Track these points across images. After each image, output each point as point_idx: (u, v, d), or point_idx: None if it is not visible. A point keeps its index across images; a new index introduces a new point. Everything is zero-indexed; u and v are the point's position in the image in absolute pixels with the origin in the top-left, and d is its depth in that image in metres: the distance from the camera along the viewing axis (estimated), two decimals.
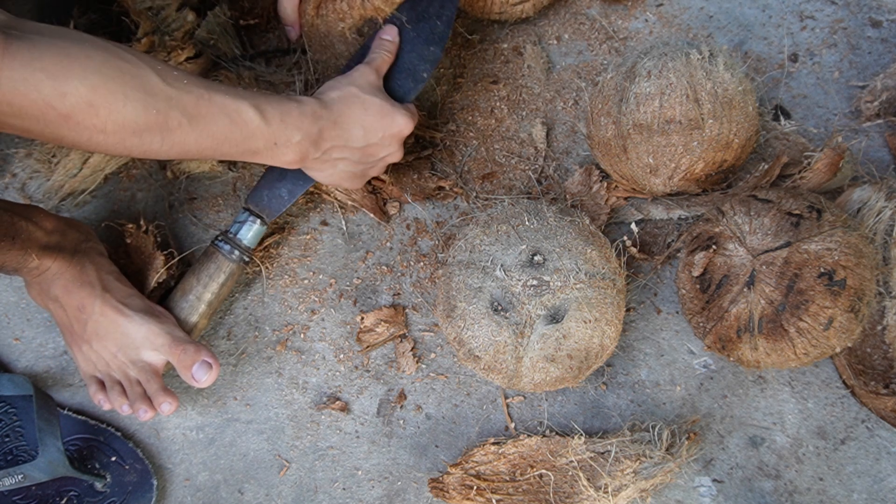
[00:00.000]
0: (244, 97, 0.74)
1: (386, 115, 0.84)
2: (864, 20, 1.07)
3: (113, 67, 0.64)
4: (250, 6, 1.12)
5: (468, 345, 0.81)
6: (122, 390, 0.87)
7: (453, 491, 0.83)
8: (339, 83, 0.85)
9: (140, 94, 0.65)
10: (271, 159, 0.79)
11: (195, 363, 0.84)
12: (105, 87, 0.63)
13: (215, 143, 0.73)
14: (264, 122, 0.75)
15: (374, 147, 0.85)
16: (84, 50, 0.63)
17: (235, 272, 0.92)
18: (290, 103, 0.78)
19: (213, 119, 0.71)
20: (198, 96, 0.70)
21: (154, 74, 0.67)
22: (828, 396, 0.87)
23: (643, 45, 0.93)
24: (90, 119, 0.64)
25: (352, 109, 0.83)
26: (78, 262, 0.86)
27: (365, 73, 0.87)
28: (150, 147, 0.69)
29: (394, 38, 0.91)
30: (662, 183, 0.90)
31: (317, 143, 0.81)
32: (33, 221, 0.82)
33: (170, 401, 0.85)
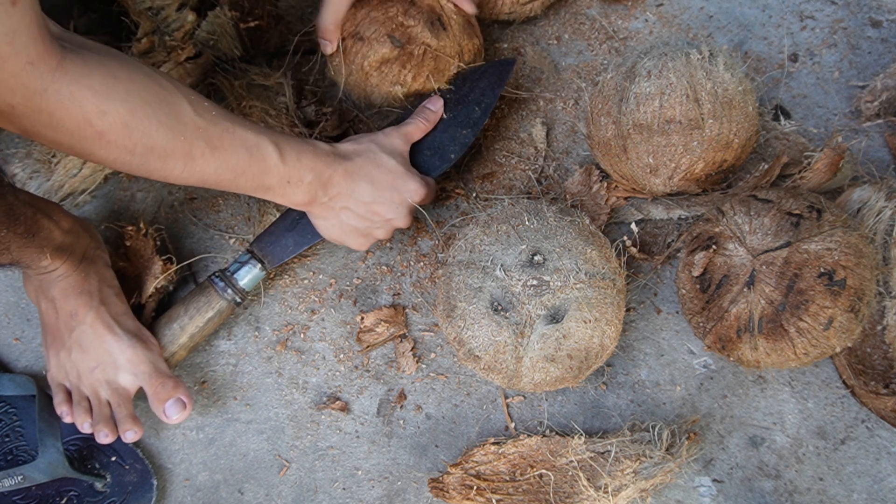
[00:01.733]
0: (265, 134, 0.77)
1: (398, 178, 0.86)
2: (864, 20, 1.07)
3: (152, 93, 0.67)
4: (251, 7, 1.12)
5: (468, 345, 0.81)
6: (89, 407, 0.86)
7: (453, 491, 0.83)
8: (362, 138, 0.88)
9: (172, 122, 0.68)
10: (282, 197, 0.81)
11: (170, 399, 0.85)
12: (142, 111, 0.66)
13: (233, 175, 0.75)
14: (281, 159, 0.77)
15: (379, 206, 0.85)
16: (129, 72, 0.66)
17: (225, 311, 0.91)
18: (307, 146, 0.81)
19: (234, 152, 0.74)
20: (223, 129, 0.73)
21: (187, 104, 0.70)
22: (828, 396, 0.87)
23: (643, 45, 0.93)
24: (123, 139, 0.66)
25: (365, 164, 0.85)
26: (83, 269, 0.86)
27: (391, 135, 0.89)
28: (172, 172, 0.71)
29: (438, 110, 0.93)
30: (662, 183, 0.90)
31: (325, 188, 0.82)
32: (53, 219, 0.82)
33: (136, 430, 0.85)
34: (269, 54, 1.11)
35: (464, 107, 0.95)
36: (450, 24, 0.96)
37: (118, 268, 0.94)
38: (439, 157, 0.93)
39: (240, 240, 1.01)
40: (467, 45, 0.97)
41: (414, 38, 0.94)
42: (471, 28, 0.99)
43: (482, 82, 0.96)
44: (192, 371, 0.95)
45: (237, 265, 0.91)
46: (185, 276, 0.99)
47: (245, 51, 1.08)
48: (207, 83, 1.06)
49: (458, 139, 0.94)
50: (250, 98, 1.00)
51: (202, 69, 1.03)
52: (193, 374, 0.94)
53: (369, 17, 0.93)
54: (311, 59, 1.11)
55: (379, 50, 0.93)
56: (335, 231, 0.88)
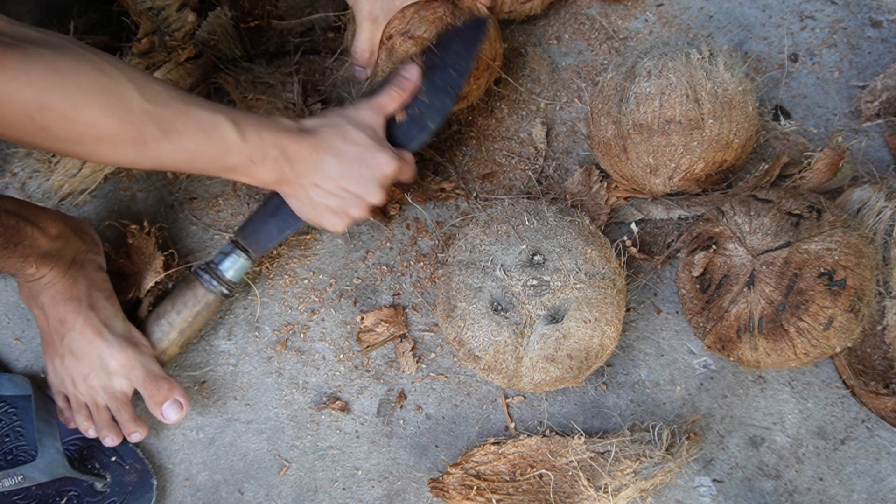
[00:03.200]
0: (222, 112, 0.74)
1: (366, 151, 0.82)
2: (864, 20, 1.07)
3: (95, 82, 0.65)
4: (251, 7, 1.12)
5: (468, 345, 0.81)
6: (89, 414, 0.87)
7: (453, 491, 0.83)
8: (330, 112, 0.84)
9: (117, 110, 0.67)
10: (248, 177, 0.78)
11: (167, 401, 0.85)
12: (84, 102, 0.65)
13: (191, 157, 0.73)
14: (241, 138, 0.74)
15: (348, 181, 0.81)
16: (70, 63, 0.64)
17: (213, 304, 0.90)
18: (269, 121, 0.78)
19: (189, 134, 0.72)
20: (175, 111, 0.70)
21: (133, 90, 0.68)
22: (828, 396, 0.87)
23: (643, 45, 0.93)
24: (66, 132, 0.65)
25: (331, 138, 0.81)
26: (72, 275, 0.85)
27: (361, 107, 0.85)
28: (125, 158, 0.70)
29: (413, 77, 0.88)
30: (662, 183, 0.90)
31: (292, 164, 0.79)
32: (39, 227, 0.81)
33: (140, 431, 0.86)
34: (269, 54, 1.11)
35: (440, 71, 0.89)
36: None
37: (119, 265, 0.94)
38: (417, 126, 0.88)
39: None
40: (499, 48, 0.97)
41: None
42: (498, 31, 0.98)
43: (456, 45, 0.91)
44: (192, 371, 0.95)
45: (221, 256, 0.90)
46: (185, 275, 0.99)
47: (245, 51, 1.09)
48: (208, 83, 1.06)
49: (436, 106, 0.88)
50: (256, 92, 0.99)
51: (202, 69, 1.03)
52: (193, 375, 0.94)
53: (419, 15, 0.92)
54: (312, 59, 1.11)
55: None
56: (308, 210, 0.84)
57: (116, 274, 0.93)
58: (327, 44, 1.13)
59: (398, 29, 0.92)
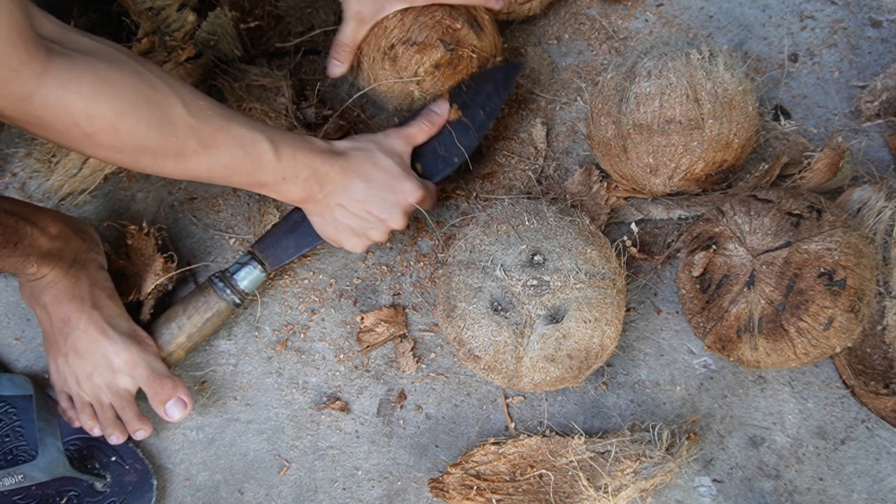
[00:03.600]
0: (261, 131, 0.76)
1: (393, 178, 0.85)
2: (864, 20, 1.07)
3: (142, 95, 0.67)
4: (251, 7, 1.12)
5: (468, 345, 0.81)
6: (93, 413, 0.87)
7: (453, 491, 0.83)
8: (362, 137, 0.88)
9: (162, 123, 0.68)
10: (277, 193, 0.81)
11: (171, 399, 0.86)
12: (131, 114, 0.66)
13: (227, 171, 0.75)
14: (276, 156, 0.77)
15: (374, 206, 0.84)
16: (119, 74, 0.66)
17: (224, 312, 0.91)
18: (304, 142, 0.80)
19: (228, 149, 0.74)
20: (217, 127, 0.73)
21: (179, 104, 0.69)
22: (828, 396, 0.87)
23: (643, 45, 0.93)
24: (111, 140, 0.67)
25: (361, 162, 0.84)
26: (74, 274, 0.85)
27: (391, 136, 0.88)
28: (164, 169, 0.72)
29: (443, 113, 0.92)
30: (662, 183, 0.90)
31: (321, 184, 0.82)
32: (39, 227, 0.81)
33: (145, 429, 0.87)
34: (270, 54, 1.11)
35: (469, 110, 0.94)
36: (484, 24, 0.96)
37: (118, 266, 0.94)
38: (443, 160, 0.93)
39: (239, 240, 1.01)
40: (498, 43, 0.98)
41: (462, 41, 0.93)
42: (495, 27, 0.99)
43: (488, 86, 0.95)
44: (192, 371, 0.95)
45: (237, 266, 0.91)
46: (185, 276, 0.99)
47: (245, 51, 1.08)
48: (208, 84, 1.06)
49: (463, 143, 0.93)
50: (250, 100, 1.00)
51: (202, 69, 1.03)
52: (193, 374, 0.94)
53: (418, 22, 0.92)
54: (313, 60, 1.11)
55: (434, 55, 0.92)
56: (330, 229, 0.87)
57: (116, 274, 0.93)
58: (327, 44, 1.12)
59: (399, 37, 0.92)
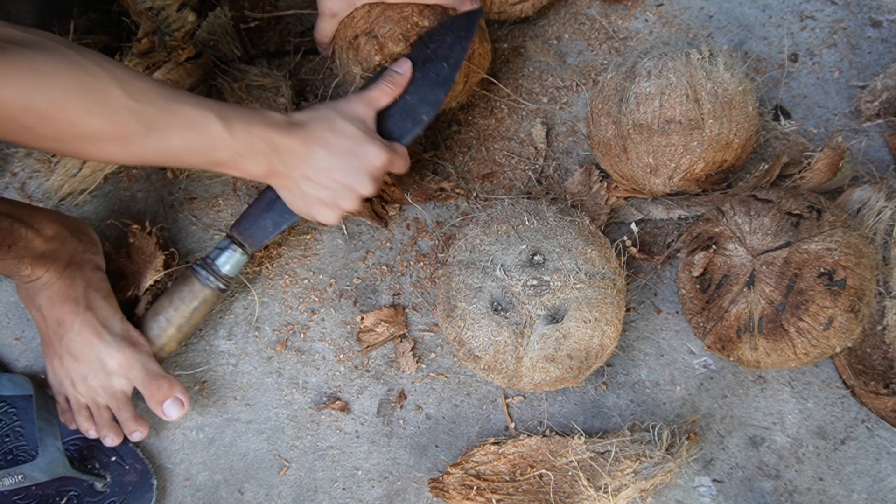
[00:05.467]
0: (208, 107, 0.74)
1: (356, 143, 0.82)
2: (864, 20, 1.07)
3: (77, 82, 0.66)
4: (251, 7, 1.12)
5: (468, 345, 0.81)
6: (89, 414, 0.87)
7: (453, 491, 0.83)
8: (321, 106, 0.85)
9: (100, 108, 0.67)
10: (237, 170, 0.79)
11: (167, 399, 0.86)
12: (66, 101, 0.65)
13: (178, 152, 0.73)
14: (228, 132, 0.74)
15: (338, 172, 0.81)
16: (53, 63, 0.64)
17: (210, 299, 0.90)
18: (258, 115, 0.78)
19: (174, 129, 0.72)
20: (159, 108, 0.70)
21: (117, 88, 0.68)
22: (828, 396, 0.87)
23: (643, 45, 0.93)
24: (48, 131, 0.65)
25: (321, 130, 0.81)
26: (68, 276, 0.85)
27: (352, 101, 0.85)
28: (108, 155, 0.71)
29: (405, 72, 0.89)
30: (662, 183, 0.90)
31: (282, 157, 0.79)
32: (34, 228, 0.81)
33: (141, 430, 0.87)
34: (269, 54, 1.11)
35: (432, 64, 0.90)
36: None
37: (119, 265, 0.94)
38: (411, 119, 0.89)
39: None
40: (478, 48, 0.96)
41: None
42: (481, 31, 0.97)
43: (448, 37, 0.91)
44: (193, 371, 0.95)
45: (217, 251, 0.90)
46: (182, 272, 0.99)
47: (245, 51, 1.09)
48: (208, 84, 1.06)
49: (429, 99, 0.89)
50: (250, 100, 1.00)
51: (202, 69, 1.03)
52: (193, 375, 0.94)
53: (384, 15, 0.91)
54: (312, 59, 1.11)
55: (394, 49, 0.91)
56: (300, 203, 0.85)
57: (116, 273, 0.93)
58: None
59: (362, 28, 0.92)
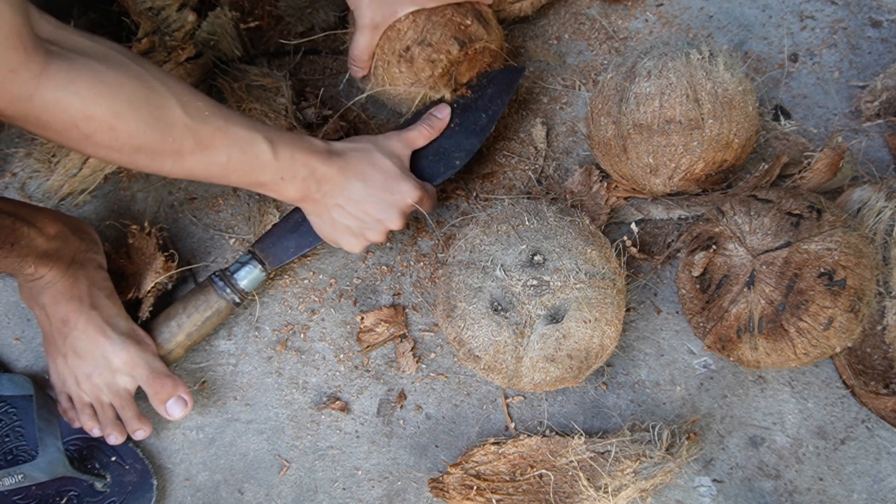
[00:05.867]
0: (259, 131, 0.77)
1: (391, 179, 0.85)
2: (864, 20, 1.07)
3: (140, 97, 0.67)
4: (251, 7, 1.12)
5: (468, 345, 0.81)
6: (93, 413, 0.87)
7: (453, 491, 0.83)
8: (361, 139, 0.88)
9: (159, 123, 0.69)
10: (275, 192, 0.82)
11: (171, 398, 0.86)
12: (129, 115, 0.67)
13: (225, 171, 0.76)
14: (274, 156, 0.77)
15: (371, 205, 0.85)
16: (118, 76, 0.66)
17: (223, 311, 0.91)
18: (302, 142, 0.81)
19: (226, 149, 0.74)
20: (215, 128, 0.73)
21: (177, 104, 0.70)
22: (828, 396, 0.87)
23: (643, 45, 0.93)
24: (109, 140, 0.67)
25: (360, 163, 0.84)
26: (72, 274, 0.85)
27: (391, 138, 0.89)
28: (161, 168, 0.72)
29: (444, 118, 0.93)
30: (662, 183, 0.90)
31: (319, 184, 0.82)
32: (36, 227, 0.81)
33: (144, 428, 0.87)
34: (270, 54, 1.11)
35: (471, 114, 0.94)
36: (489, 18, 0.96)
37: (119, 265, 0.94)
38: (444, 163, 0.93)
39: (239, 240, 1.01)
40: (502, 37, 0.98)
41: (473, 36, 0.93)
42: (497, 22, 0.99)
43: (490, 89, 0.95)
44: (192, 371, 0.95)
45: (238, 265, 0.91)
46: (185, 276, 0.99)
47: (245, 51, 1.09)
48: (208, 84, 1.06)
49: (464, 146, 0.93)
50: (250, 100, 1.00)
51: (202, 69, 1.03)
52: (193, 374, 0.94)
53: (431, 21, 0.92)
54: (313, 59, 1.11)
55: (450, 53, 0.92)
56: (328, 229, 0.87)
57: (116, 274, 0.93)
58: (328, 44, 1.13)
59: (414, 38, 0.92)
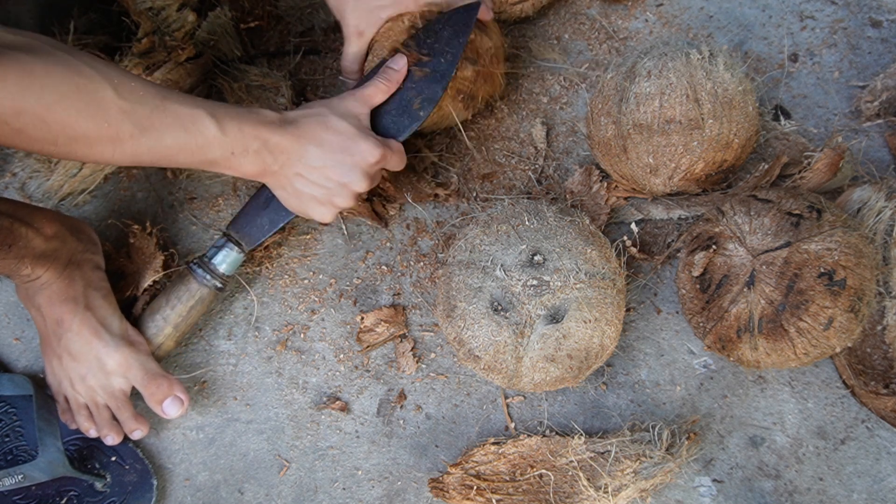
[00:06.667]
0: (201, 106, 0.74)
1: (349, 140, 0.82)
2: (864, 20, 1.07)
3: (70, 84, 0.66)
4: (251, 7, 1.12)
5: (468, 345, 0.81)
6: (89, 414, 0.87)
7: (453, 491, 0.83)
8: (315, 103, 0.85)
9: (92, 110, 0.67)
10: (230, 169, 0.79)
11: (167, 398, 0.86)
12: (59, 105, 0.65)
13: (170, 152, 0.73)
14: (221, 131, 0.75)
15: (331, 170, 0.81)
16: (45, 66, 0.64)
17: (207, 298, 0.91)
18: (250, 114, 0.78)
19: (167, 129, 0.72)
20: (152, 107, 0.71)
21: (109, 88, 0.68)
22: (828, 396, 0.87)
23: (643, 45, 0.93)
24: (42, 134, 0.66)
25: (313, 127, 0.81)
26: (68, 275, 0.85)
27: (345, 98, 0.85)
28: (102, 156, 0.70)
29: (400, 68, 0.88)
30: (662, 183, 0.90)
31: (274, 155, 0.79)
32: (34, 227, 0.81)
33: (141, 428, 0.87)
34: (270, 54, 1.11)
35: (429, 59, 0.89)
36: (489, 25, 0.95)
37: (119, 265, 0.94)
38: (408, 115, 0.88)
39: None
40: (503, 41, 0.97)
41: (479, 49, 0.92)
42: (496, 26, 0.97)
43: (445, 31, 0.90)
44: (192, 371, 0.95)
45: (214, 250, 0.90)
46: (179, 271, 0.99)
47: (245, 51, 1.09)
48: (208, 84, 1.06)
49: (426, 94, 0.88)
50: (250, 100, 1.00)
51: (202, 69, 1.03)
52: (193, 375, 0.94)
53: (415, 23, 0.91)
54: (313, 59, 1.11)
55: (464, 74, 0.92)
56: (294, 201, 0.85)
57: (116, 273, 0.93)
58: (327, 44, 1.13)
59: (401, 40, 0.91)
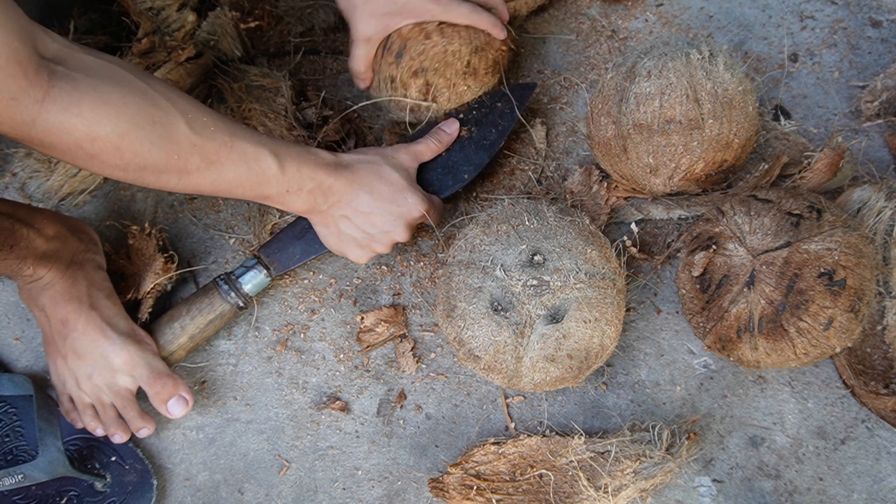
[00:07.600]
0: (265, 145, 0.77)
1: (398, 192, 0.86)
2: (864, 20, 1.07)
3: (145, 115, 0.68)
4: (251, 7, 1.12)
5: (468, 345, 0.81)
6: (95, 413, 0.87)
7: (453, 491, 0.83)
8: (369, 150, 0.89)
9: (165, 142, 0.69)
10: (281, 204, 0.82)
11: (172, 397, 0.86)
12: (134, 135, 0.67)
13: (231, 186, 0.76)
14: (281, 170, 0.78)
15: (377, 217, 0.85)
16: (122, 95, 0.66)
17: (227, 314, 0.91)
18: (309, 155, 0.81)
19: (232, 165, 0.75)
20: (220, 143, 0.73)
21: (182, 121, 0.70)
22: (828, 396, 0.87)
23: (643, 45, 0.93)
24: (114, 160, 0.68)
25: (367, 175, 0.85)
26: (71, 275, 0.85)
27: (398, 150, 0.89)
28: (167, 185, 0.73)
29: (452, 132, 0.93)
30: (662, 183, 0.90)
31: (326, 196, 0.83)
32: (35, 228, 0.82)
33: (148, 427, 0.87)
34: (270, 54, 1.11)
35: (481, 128, 0.95)
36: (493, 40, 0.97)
37: (118, 266, 0.94)
38: (452, 176, 0.94)
39: (239, 240, 1.01)
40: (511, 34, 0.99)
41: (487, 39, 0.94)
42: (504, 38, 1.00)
43: (500, 104, 0.96)
44: (192, 371, 0.95)
45: (243, 269, 0.92)
46: (185, 277, 0.99)
47: (245, 51, 1.09)
48: (208, 84, 1.06)
49: (473, 160, 0.94)
50: (249, 100, 1.00)
51: (202, 69, 1.03)
52: (193, 374, 0.94)
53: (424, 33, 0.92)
54: (313, 59, 1.11)
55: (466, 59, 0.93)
56: (334, 240, 0.88)
57: (116, 274, 0.93)
58: (327, 44, 1.13)
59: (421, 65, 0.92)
